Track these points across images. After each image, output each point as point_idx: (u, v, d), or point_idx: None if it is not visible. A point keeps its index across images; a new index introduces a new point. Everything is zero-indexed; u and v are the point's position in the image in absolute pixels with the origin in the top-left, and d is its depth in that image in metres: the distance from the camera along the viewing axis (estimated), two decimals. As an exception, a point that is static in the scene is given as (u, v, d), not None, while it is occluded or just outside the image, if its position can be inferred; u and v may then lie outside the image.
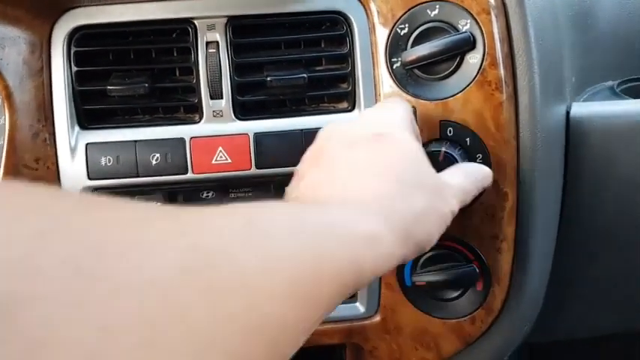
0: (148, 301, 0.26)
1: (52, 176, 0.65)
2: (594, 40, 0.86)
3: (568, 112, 0.72)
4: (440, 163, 0.62)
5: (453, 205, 0.51)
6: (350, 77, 0.67)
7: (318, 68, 0.68)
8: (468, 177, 0.58)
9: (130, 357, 0.24)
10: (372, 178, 0.46)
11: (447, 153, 0.63)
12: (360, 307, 0.72)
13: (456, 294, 0.70)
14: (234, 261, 0.31)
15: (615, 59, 0.88)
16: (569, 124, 0.72)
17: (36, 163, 0.65)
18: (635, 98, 0.80)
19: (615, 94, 0.82)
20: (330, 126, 0.55)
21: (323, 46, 0.69)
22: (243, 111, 0.67)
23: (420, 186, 0.48)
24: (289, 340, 0.34)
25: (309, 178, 0.49)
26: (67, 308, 0.23)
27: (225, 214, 0.35)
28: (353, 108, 0.68)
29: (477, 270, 0.67)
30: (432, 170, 0.51)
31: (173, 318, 0.27)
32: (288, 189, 0.52)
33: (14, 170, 0.64)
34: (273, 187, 0.67)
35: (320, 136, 0.54)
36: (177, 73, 0.68)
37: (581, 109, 0.73)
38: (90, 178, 0.65)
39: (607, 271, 0.80)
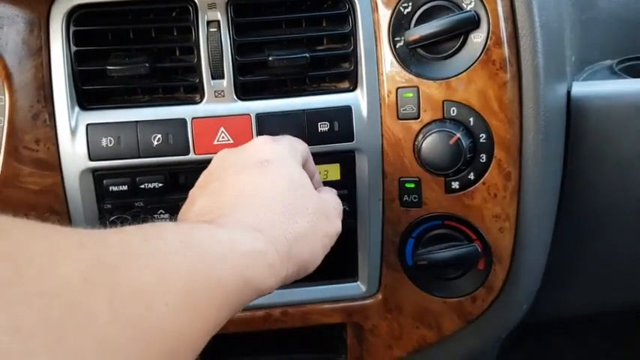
0: (54, 307, 0.28)
1: (53, 157, 0.64)
2: (593, 19, 0.85)
3: (569, 92, 0.72)
4: (451, 146, 0.63)
5: (338, 225, 0.55)
6: (352, 57, 0.67)
7: (319, 47, 0.68)
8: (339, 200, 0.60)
9: (40, 358, 0.26)
10: (259, 200, 0.49)
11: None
12: (361, 287, 0.73)
13: (457, 273, 0.70)
14: (131, 274, 0.34)
15: (614, 38, 0.88)
16: (570, 103, 0.72)
17: (36, 145, 0.64)
18: (634, 77, 0.80)
19: (614, 73, 0.82)
20: (222, 152, 0.57)
21: (325, 25, 0.68)
22: (244, 91, 0.66)
23: (304, 208, 0.51)
24: (186, 348, 0.37)
25: (200, 204, 0.51)
26: None
27: (122, 233, 0.38)
28: (355, 88, 0.67)
29: (479, 249, 0.67)
30: (317, 194, 0.54)
31: (78, 323, 0.29)
32: (180, 213, 0.54)
33: (14, 152, 0.64)
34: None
35: (212, 163, 0.57)
36: (178, 53, 0.67)
37: (581, 88, 0.73)
38: (91, 159, 0.65)
39: (606, 249, 0.81)
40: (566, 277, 0.83)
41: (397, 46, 0.65)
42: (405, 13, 0.65)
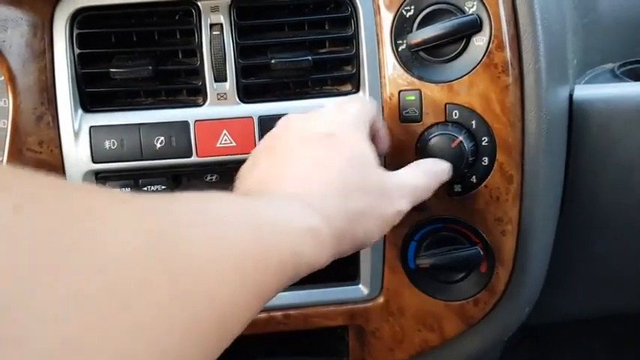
0: (115, 274, 0.28)
1: (56, 160, 0.64)
2: (595, 22, 0.86)
3: (571, 95, 0.72)
4: (454, 149, 0.63)
5: (400, 205, 0.54)
6: (354, 60, 0.67)
7: (322, 50, 0.68)
8: (425, 174, 0.58)
9: (102, 324, 0.26)
10: (318, 176, 0.49)
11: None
12: (363, 289, 0.73)
13: (459, 276, 0.70)
14: (189, 246, 0.34)
15: (616, 41, 0.88)
16: (572, 106, 0.72)
17: (39, 147, 0.64)
18: (635, 80, 0.81)
19: (616, 76, 0.83)
20: (288, 118, 0.57)
21: (327, 28, 0.68)
22: (246, 94, 0.66)
23: (363, 187, 0.50)
24: (237, 322, 0.37)
25: (262, 168, 0.52)
26: (42, 276, 0.25)
27: (182, 202, 0.38)
28: (357, 90, 0.67)
29: (481, 252, 0.67)
30: (380, 171, 0.53)
31: (137, 291, 0.29)
32: (240, 171, 0.54)
33: (18, 154, 0.64)
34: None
35: (278, 126, 0.57)
36: (181, 56, 0.67)
37: (583, 91, 0.73)
38: (94, 162, 0.65)
39: (608, 251, 0.81)
40: (568, 280, 0.83)
41: (399, 49, 0.65)
42: (407, 16, 0.65)
